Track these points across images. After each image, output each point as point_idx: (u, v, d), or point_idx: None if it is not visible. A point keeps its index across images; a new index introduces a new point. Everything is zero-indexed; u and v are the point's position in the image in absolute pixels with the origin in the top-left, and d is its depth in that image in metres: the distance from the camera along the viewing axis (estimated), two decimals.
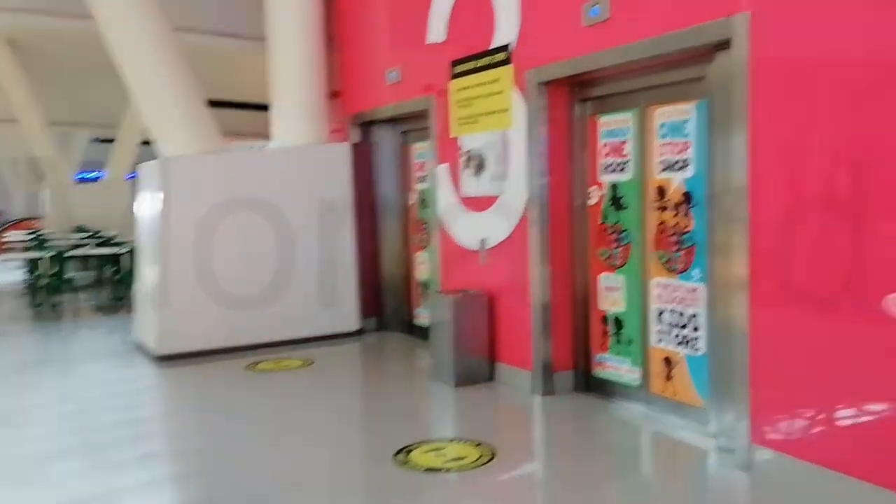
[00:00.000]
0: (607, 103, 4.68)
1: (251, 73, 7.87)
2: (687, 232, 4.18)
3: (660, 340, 4.44)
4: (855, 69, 3.12)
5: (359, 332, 7.12)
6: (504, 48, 5.07)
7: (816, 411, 3.36)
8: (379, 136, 7.27)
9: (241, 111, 9.91)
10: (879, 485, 3.07)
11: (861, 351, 3.17)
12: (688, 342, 4.26)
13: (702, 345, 4.16)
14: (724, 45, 3.66)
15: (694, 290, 4.18)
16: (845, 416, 3.26)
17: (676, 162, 4.20)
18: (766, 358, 3.52)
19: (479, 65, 5.37)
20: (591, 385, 4.98)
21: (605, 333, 4.85)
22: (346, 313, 7.07)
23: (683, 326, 4.27)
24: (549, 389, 4.97)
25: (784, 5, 3.35)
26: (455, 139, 5.71)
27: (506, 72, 5.09)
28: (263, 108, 7.39)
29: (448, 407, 5.13)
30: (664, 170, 4.29)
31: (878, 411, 3.15)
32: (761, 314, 3.52)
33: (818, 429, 3.36)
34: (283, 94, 7.06)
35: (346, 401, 5.41)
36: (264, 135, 7.33)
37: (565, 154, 4.90)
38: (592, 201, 4.82)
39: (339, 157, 7.06)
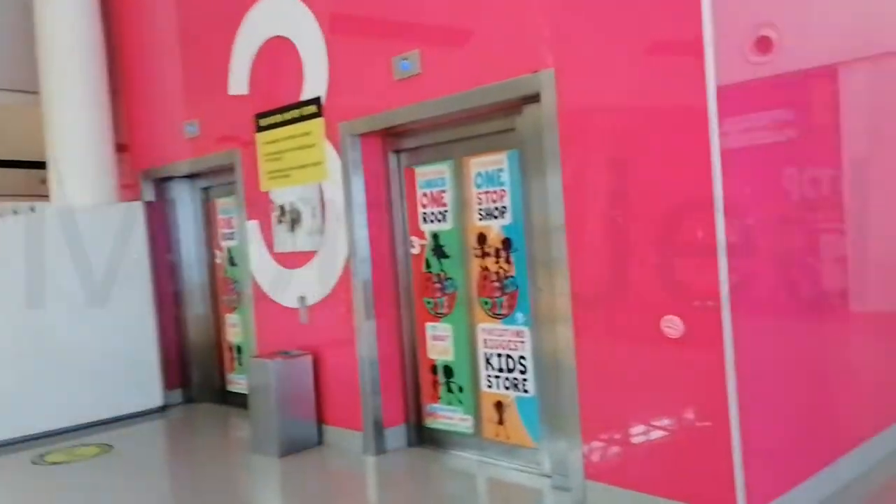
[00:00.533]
0: (423, 154, 4.73)
1: (22, 128, 7.05)
2: (509, 277, 4.30)
3: (489, 386, 4.49)
4: (631, 116, 3.43)
5: (163, 408, 6.50)
6: (314, 101, 4.97)
7: (636, 439, 3.54)
8: (177, 192, 6.79)
9: (14, 170, 8.85)
10: None
11: (656, 374, 3.42)
12: (517, 385, 4.33)
13: (530, 386, 4.26)
14: (532, 98, 3.84)
15: (519, 332, 4.28)
16: (657, 439, 3.47)
17: (494, 209, 4.33)
18: (592, 393, 3.67)
19: (287, 118, 5.22)
20: (424, 437, 4.90)
21: (435, 383, 4.82)
22: (148, 388, 6.43)
23: (511, 370, 4.35)
24: (381, 448, 4.81)
25: (580, 64, 3.59)
26: (266, 193, 5.47)
27: (317, 124, 4.98)
28: (41, 165, 6.63)
29: (273, 481, 4.77)
30: (483, 218, 4.40)
31: (671, 429, 3.40)
32: (585, 349, 3.67)
33: (641, 456, 3.53)
34: (61, 149, 6.39)
35: (155, 489, 4.81)
36: (44, 195, 6.57)
37: (384, 205, 4.87)
38: (415, 251, 4.82)
39: (131, 216, 6.47)
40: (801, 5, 3.87)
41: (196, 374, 6.80)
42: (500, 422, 4.45)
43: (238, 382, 6.42)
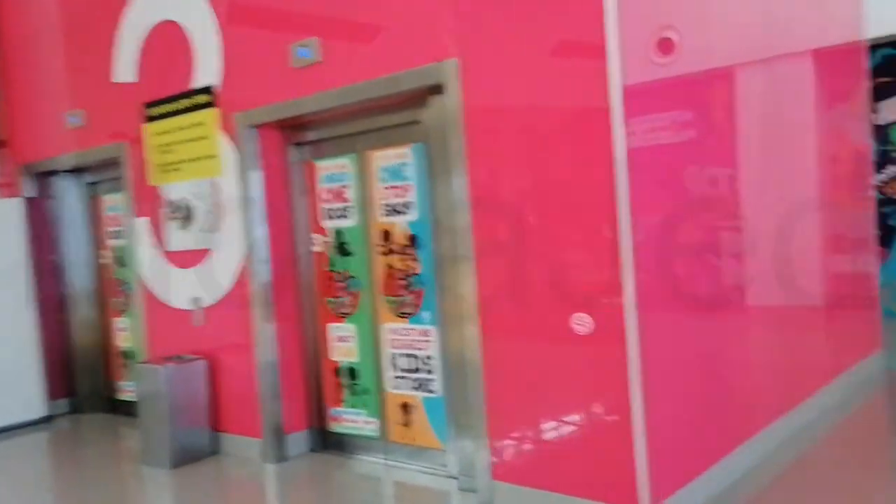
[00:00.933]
0: (325, 147, 4.54)
1: None
2: (415, 275, 4.17)
3: (396, 387, 4.34)
4: (540, 115, 3.36)
5: (47, 419, 6.04)
6: (207, 90, 4.69)
7: (543, 438, 3.48)
8: (60, 188, 6.32)
9: None
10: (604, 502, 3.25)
11: (562, 373, 3.38)
12: (423, 385, 4.21)
13: (437, 387, 4.15)
14: (436, 89, 3.72)
15: (426, 332, 4.16)
16: (563, 437, 3.43)
17: (399, 205, 4.18)
18: (499, 393, 3.59)
19: (178, 107, 4.91)
20: (328, 442, 4.71)
21: (338, 386, 4.63)
22: (28, 398, 5.98)
23: (418, 370, 4.22)
24: (282, 455, 4.59)
25: (485, 56, 3.49)
26: (156, 189, 5.14)
27: (210, 115, 4.70)
28: None
29: (164, 494, 4.46)
30: (388, 214, 4.24)
31: (577, 426, 3.36)
32: (492, 349, 3.59)
33: (548, 455, 3.48)
34: None
35: None
36: None
37: (284, 201, 4.64)
38: (317, 249, 4.61)
39: (10, 214, 5.99)
40: (702, 8, 3.91)
41: (83, 383, 6.36)
42: (407, 424, 4.32)
43: (128, 390, 6.03)
